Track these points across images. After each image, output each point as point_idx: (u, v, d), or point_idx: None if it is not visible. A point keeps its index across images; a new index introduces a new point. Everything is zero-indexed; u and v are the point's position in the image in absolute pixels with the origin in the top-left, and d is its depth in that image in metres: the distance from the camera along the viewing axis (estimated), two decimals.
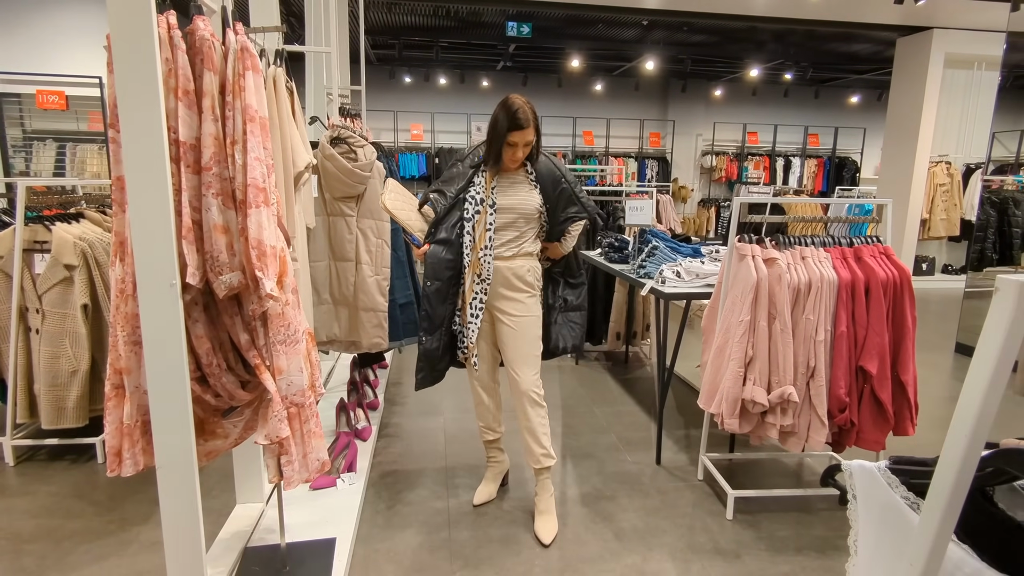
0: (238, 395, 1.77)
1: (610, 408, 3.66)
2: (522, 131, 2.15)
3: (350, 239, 2.75)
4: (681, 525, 2.42)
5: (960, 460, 0.65)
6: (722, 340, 2.41)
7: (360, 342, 2.82)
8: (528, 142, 2.19)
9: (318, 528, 2.22)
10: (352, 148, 2.68)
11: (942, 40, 7.27)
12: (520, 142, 2.18)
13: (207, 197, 1.55)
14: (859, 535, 0.86)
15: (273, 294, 1.58)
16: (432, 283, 2.25)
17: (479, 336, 2.30)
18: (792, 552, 2.25)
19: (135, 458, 1.71)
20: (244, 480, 2.33)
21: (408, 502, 2.56)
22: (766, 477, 2.83)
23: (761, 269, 2.28)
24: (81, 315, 2.70)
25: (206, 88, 1.52)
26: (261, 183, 1.56)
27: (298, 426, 1.77)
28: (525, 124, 2.15)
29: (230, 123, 1.54)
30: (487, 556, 2.20)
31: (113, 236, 1.59)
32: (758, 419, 2.33)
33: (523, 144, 2.19)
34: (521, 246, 2.29)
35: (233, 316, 1.71)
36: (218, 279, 1.59)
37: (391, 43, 8.33)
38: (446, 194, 2.24)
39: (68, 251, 2.67)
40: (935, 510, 0.67)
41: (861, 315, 2.25)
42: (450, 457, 2.98)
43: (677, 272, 2.94)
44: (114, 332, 1.65)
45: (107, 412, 1.70)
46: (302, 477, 1.79)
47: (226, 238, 1.58)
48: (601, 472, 2.85)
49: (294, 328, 1.74)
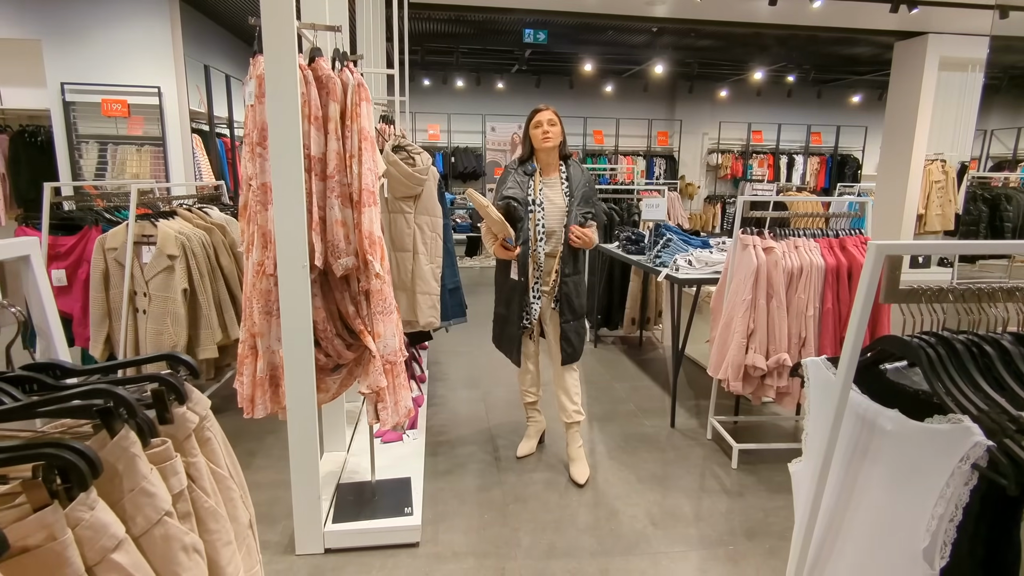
0: (345, 355, 2.24)
1: (628, 383, 4.12)
2: (542, 112, 2.67)
3: (408, 233, 3.21)
4: (693, 473, 2.88)
5: (851, 344, 1.11)
6: (728, 317, 2.87)
7: (417, 321, 3.28)
8: (551, 120, 2.67)
9: (393, 470, 2.69)
10: (411, 155, 3.13)
11: (937, 44, 7.67)
12: (544, 119, 2.66)
13: (330, 199, 2.01)
14: (810, 404, 1.33)
15: (381, 274, 2.05)
16: (521, 279, 2.69)
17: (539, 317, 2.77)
18: (787, 493, 2.68)
19: (265, 404, 2.18)
20: (330, 432, 2.80)
21: (462, 455, 3.03)
22: (765, 436, 3.28)
23: (761, 256, 2.73)
24: (181, 298, 3.17)
25: (331, 115, 1.98)
26: (372, 188, 2.03)
27: (391, 379, 2.24)
28: (543, 108, 2.68)
29: (349, 142, 2.01)
30: (533, 493, 2.67)
31: (256, 228, 2.06)
32: (758, 382, 2.78)
33: (547, 122, 2.66)
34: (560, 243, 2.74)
35: (343, 292, 2.17)
36: (337, 262, 2.05)
37: (414, 49, 8.78)
38: (520, 200, 2.68)
39: (171, 243, 3.14)
40: (842, 370, 1.14)
41: (844, 294, 2.70)
42: (492, 421, 3.45)
43: (689, 261, 3.39)
44: (249, 304, 2.12)
45: (242, 368, 2.17)
46: (394, 419, 2.26)
47: (344, 230, 2.04)
48: (623, 433, 3.31)
49: (389, 301, 2.20)
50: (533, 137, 2.70)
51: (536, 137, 2.69)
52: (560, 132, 2.71)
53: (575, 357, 2.79)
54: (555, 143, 2.71)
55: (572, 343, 2.76)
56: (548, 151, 2.72)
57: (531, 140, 2.72)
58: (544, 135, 2.67)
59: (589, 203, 2.76)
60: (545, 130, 2.67)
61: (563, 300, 2.73)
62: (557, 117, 2.70)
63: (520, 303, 2.73)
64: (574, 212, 2.70)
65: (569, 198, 2.71)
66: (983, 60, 7.73)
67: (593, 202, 2.77)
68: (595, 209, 2.78)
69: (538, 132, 2.68)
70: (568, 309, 2.73)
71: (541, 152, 2.72)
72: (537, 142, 2.69)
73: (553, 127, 2.68)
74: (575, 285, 2.74)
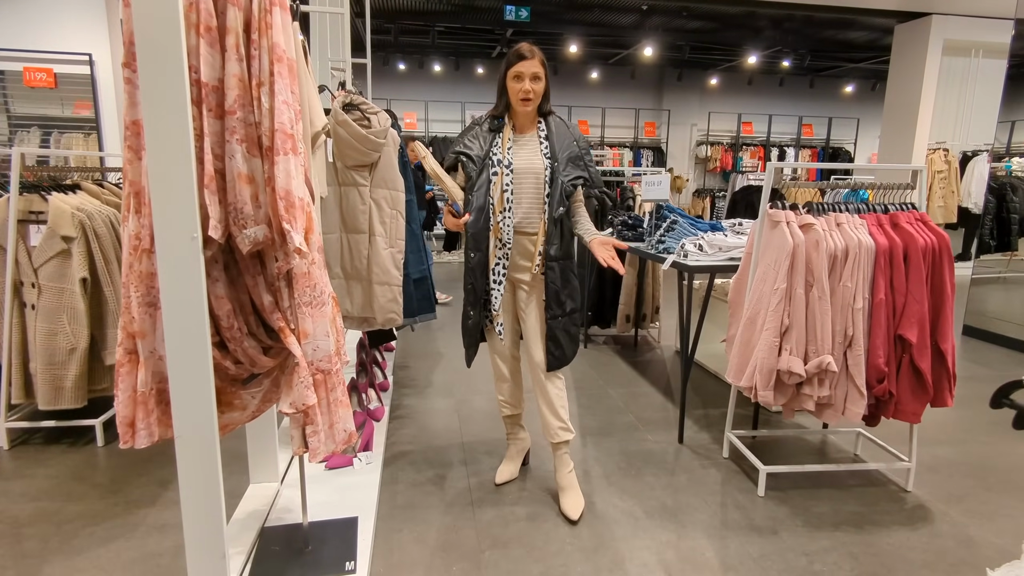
0: (260, 361, 1.66)
1: (625, 389, 3.58)
2: (525, 61, 2.07)
3: (363, 210, 2.63)
4: (711, 502, 2.35)
5: None
6: (753, 311, 2.34)
7: (374, 318, 2.71)
8: (535, 74, 2.08)
9: (337, 508, 2.11)
10: (365, 115, 2.56)
11: (941, 26, 7.26)
12: (526, 72, 2.07)
13: (231, 143, 1.43)
14: None
15: (302, 248, 1.47)
16: (475, 254, 2.14)
17: (502, 307, 2.20)
18: (830, 528, 2.18)
19: (150, 428, 1.60)
20: (258, 458, 2.21)
21: (428, 482, 2.46)
22: (792, 455, 2.76)
23: (797, 235, 2.20)
24: (80, 289, 2.56)
25: (230, 24, 1.41)
26: (289, 129, 1.45)
27: (324, 394, 1.67)
28: (528, 55, 2.07)
29: (256, 63, 1.43)
30: (515, 535, 2.11)
31: (127, 187, 1.47)
32: (793, 391, 2.25)
33: (529, 76, 2.07)
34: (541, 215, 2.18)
35: (255, 276, 1.59)
36: (242, 233, 1.47)
37: (387, 27, 8.18)
38: (472, 156, 2.13)
39: (66, 222, 2.53)
40: None
41: (900, 282, 2.18)
42: (466, 437, 2.89)
43: (699, 246, 2.86)
44: (127, 293, 1.53)
45: (119, 380, 1.58)
46: (328, 448, 1.69)
47: (251, 188, 1.47)
48: (623, 451, 2.77)
49: (320, 289, 1.63)
50: (510, 91, 2.11)
51: (514, 93, 2.10)
52: (544, 88, 2.15)
53: (563, 362, 2.23)
54: (536, 104, 2.14)
55: (560, 344, 2.21)
56: (527, 113, 2.17)
57: (507, 94, 2.13)
58: (524, 95, 2.09)
59: (580, 166, 2.20)
60: (527, 89, 2.08)
61: (548, 290, 2.17)
62: (543, 68, 2.10)
63: (477, 288, 2.18)
64: (559, 180, 2.14)
65: (550, 159, 2.15)
66: (989, 44, 7.35)
67: (586, 163, 2.21)
68: (589, 173, 2.21)
69: (517, 88, 2.09)
70: (555, 301, 2.17)
71: (519, 113, 2.16)
72: (515, 99, 2.11)
73: (537, 83, 2.09)
74: (562, 271, 2.17)
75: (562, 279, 2.17)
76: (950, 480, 2.54)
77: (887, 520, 2.24)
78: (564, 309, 2.19)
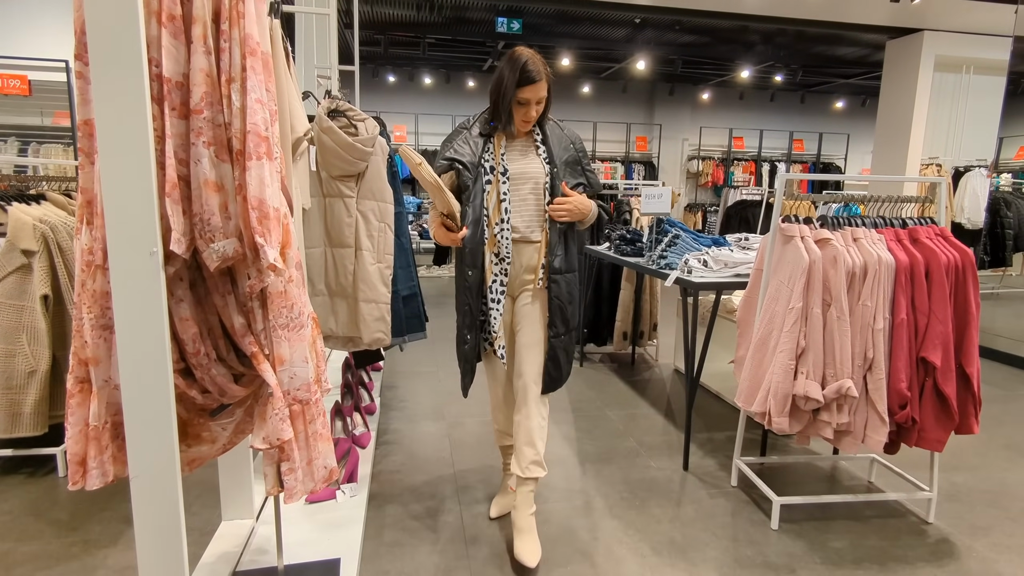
0: (230, 390, 1.49)
1: (624, 411, 3.42)
2: (534, 85, 1.90)
3: (349, 223, 2.47)
4: (723, 536, 2.18)
5: None
6: (765, 331, 2.19)
7: (360, 338, 2.53)
8: (541, 99, 1.94)
9: (318, 547, 1.93)
10: (352, 122, 2.41)
11: (932, 42, 7.26)
12: (533, 99, 1.92)
13: (197, 147, 1.27)
14: None
15: (276, 265, 1.31)
16: (472, 272, 1.98)
17: (502, 328, 2.03)
18: (851, 565, 2.02)
19: (103, 467, 1.42)
20: (231, 493, 2.02)
21: (417, 516, 2.28)
22: (803, 483, 2.61)
23: (814, 251, 2.06)
24: (41, 307, 2.37)
25: (196, 13, 1.25)
26: (263, 130, 1.29)
27: (302, 427, 1.50)
28: (537, 77, 1.90)
29: (225, 56, 1.27)
30: None
31: (79, 195, 1.31)
32: (810, 417, 2.10)
33: (536, 101, 1.93)
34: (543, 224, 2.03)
35: (225, 295, 1.42)
36: (209, 247, 1.31)
37: (376, 38, 8.07)
38: (466, 163, 1.97)
39: (27, 235, 2.35)
40: None
41: (922, 301, 2.05)
42: (458, 465, 2.71)
43: (704, 261, 2.72)
44: (79, 314, 1.36)
45: (69, 412, 1.40)
46: (306, 488, 1.51)
47: (219, 197, 1.30)
48: (626, 480, 2.60)
49: (298, 310, 1.47)
50: (515, 113, 1.95)
51: (518, 115, 1.95)
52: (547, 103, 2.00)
53: (559, 384, 2.07)
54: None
55: (559, 365, 2.05)
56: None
57: (509, 110, 1.94)
58: (529, 120, 1.96)
59: (578, 171, 2.06)
60: (532, 116, 1.95)
61: (552, 305, 2.01)
62: (549, 84, 1.95)
63: (474, 309, 2.02)
64: (558, 185, 1.99)
65: (549, 165, 2.01)
66: (980, 60, 7.35)
67: (583, 168, 2.07)
68: (588, 179, 2.07)
69: (522, 112, 1.94)
70: (559, 318, 2.01)
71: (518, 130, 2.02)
72: (517, 121, 1.97)
73: (541, 105, 1.96)
74: (568, 285, 2.02)
75: (568, 294, 2.02)
76: (972, 510, 2.40)
77: (911, 556, 2.08)
78: (568, 327, 2.04)
